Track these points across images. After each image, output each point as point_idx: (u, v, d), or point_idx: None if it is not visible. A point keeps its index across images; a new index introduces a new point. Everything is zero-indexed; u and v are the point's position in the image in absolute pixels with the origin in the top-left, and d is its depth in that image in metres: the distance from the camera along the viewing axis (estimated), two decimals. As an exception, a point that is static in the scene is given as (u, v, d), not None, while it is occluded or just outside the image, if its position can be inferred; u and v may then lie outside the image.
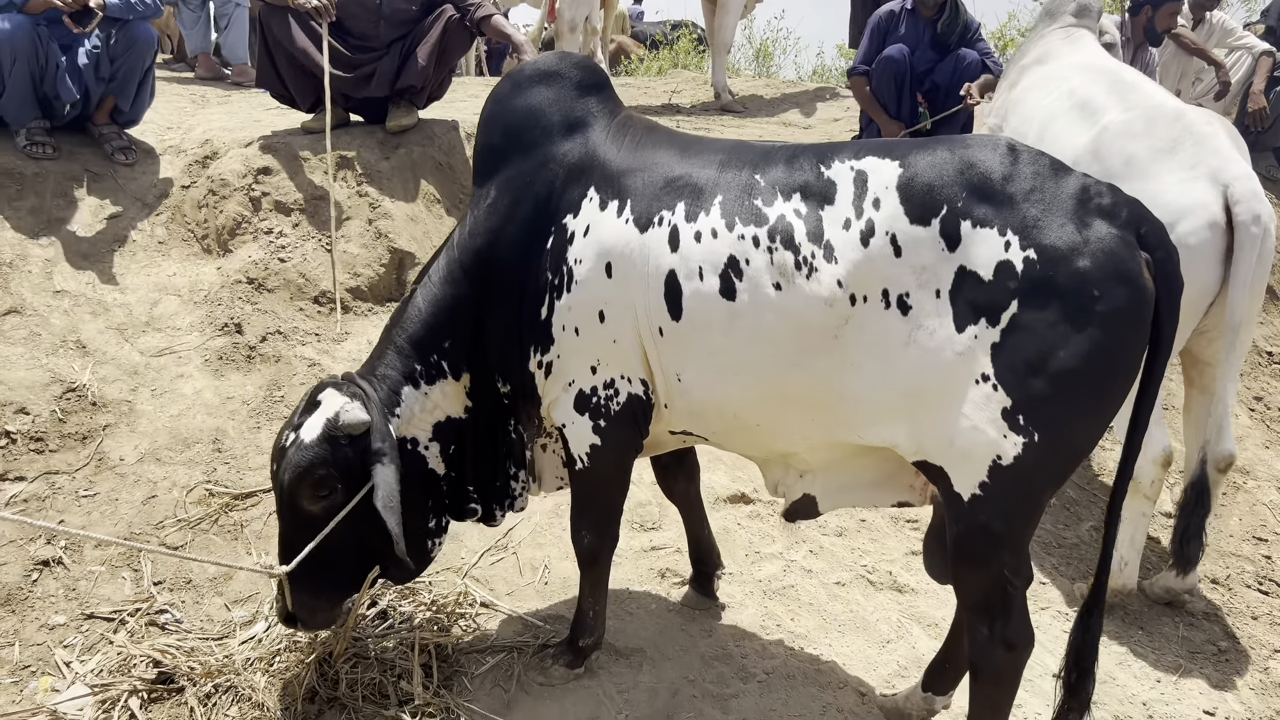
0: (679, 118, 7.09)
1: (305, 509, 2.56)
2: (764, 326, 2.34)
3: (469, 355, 2.76)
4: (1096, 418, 2.24)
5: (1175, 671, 3.57)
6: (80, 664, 2.86)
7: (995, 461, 2.19)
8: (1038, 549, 4.14)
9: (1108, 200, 2.18)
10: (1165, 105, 3.82)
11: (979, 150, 2.25)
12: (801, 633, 3.33)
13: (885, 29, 5.91)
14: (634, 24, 15.14)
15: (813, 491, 2.72)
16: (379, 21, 5.16)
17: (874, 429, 2.36)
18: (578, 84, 2.73)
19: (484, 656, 3.01)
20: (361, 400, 2.60)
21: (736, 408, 2.50)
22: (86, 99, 4.76)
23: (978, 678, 2.43)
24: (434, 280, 2.77)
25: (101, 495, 3.48)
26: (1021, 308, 2.13)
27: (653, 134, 2.69)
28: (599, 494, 2.80)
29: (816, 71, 12.75)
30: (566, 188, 2.61)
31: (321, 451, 2.52)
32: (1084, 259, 2.11)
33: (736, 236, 2.37)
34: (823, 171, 2.37)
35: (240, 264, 4.57)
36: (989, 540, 2.27)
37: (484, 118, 2.80)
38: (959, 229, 2.18)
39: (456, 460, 2.87)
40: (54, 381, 3.80)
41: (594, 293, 2.51)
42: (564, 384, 2.63)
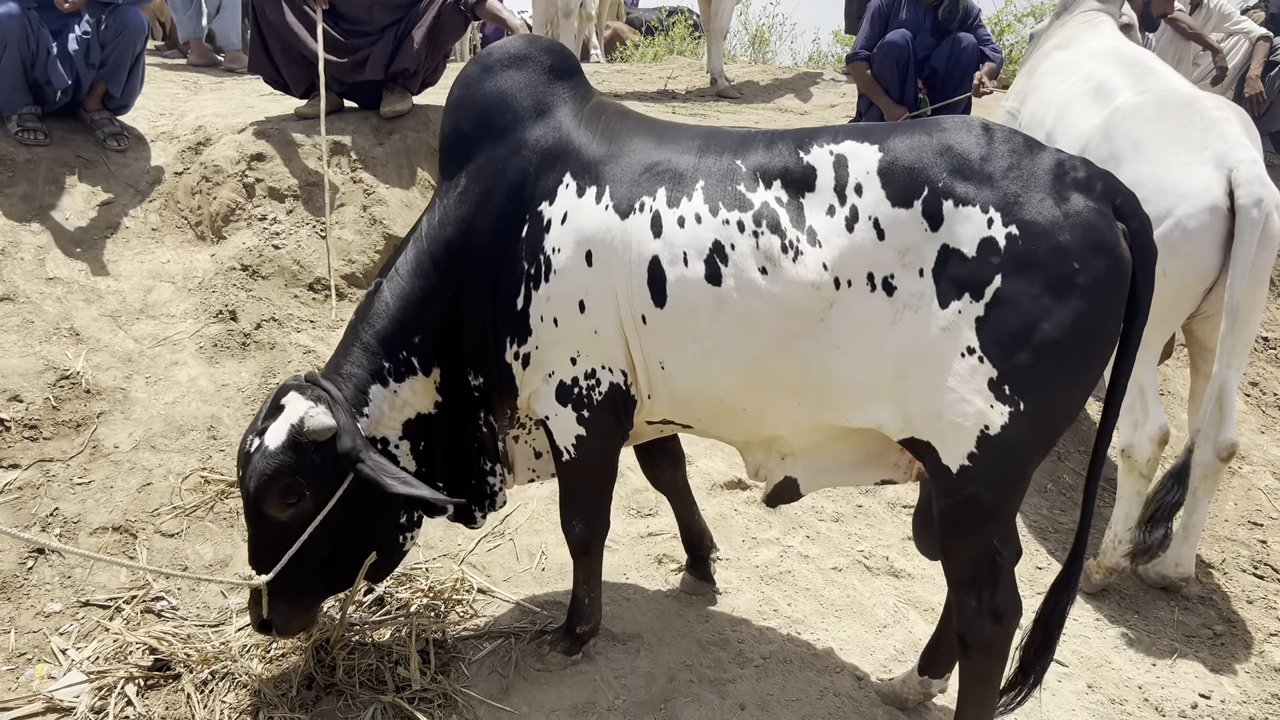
0: (674, 104, 7.07)
1: (273, 517, 2.49)
2: (750, 311, 2.34)
3: (440, 349, 2.69)
4: (1079, 385, 2.31)
5: (1171, 655, 3.57)
6: (76, 651, 2.85)
7: (983, 432, 2.24)
8: (1034, 535, 4.15)
9: (1082, 174, 2.24)
10: (1179, 90, 3.81)
11: (955, 132, 2.31)
12: (798, 618, 3.34)
13: (887, 14, 5.90)
14: (629, 10, 15.07)
15: (794, 474, 2.73)
16: (373, 6, 5.13)
17: (860, 411, 2.38)
18: (548, 69, 2.68)
19: (481, 642, 3.02)
20: (327, 403, 2.51)
21: (723, 394, 2.49)
22: (78, 85, 4.72)
23: (968, 651, 2.46)
24: (402, 273, 2.68)
25: (96, 483, 3.47)
26: (1005, 281, 2.17)
27: (626, 120, 2.66)
28: (588, 484, 2.78)
29: (812, 58, 12.69)
30: (541, 174, 2.55)
31: (287, 459, 2.43)
32: (1064, 232, 2.17)
33: (721, 221, 2.37)
34: (802, 157, 2.39)
35: (234, 251, 4.54)
36: (978, 511, 2.31)
37: (452, 102, 2.73)
38: (941, 209, 2.23)
39: (427, 456, 2.80)
40: (47, 369, 3.78)
41: (574, 282, 2.47)
42: (543, 375, 2.60)
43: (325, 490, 2.48)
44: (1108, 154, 3.69)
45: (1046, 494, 4.42)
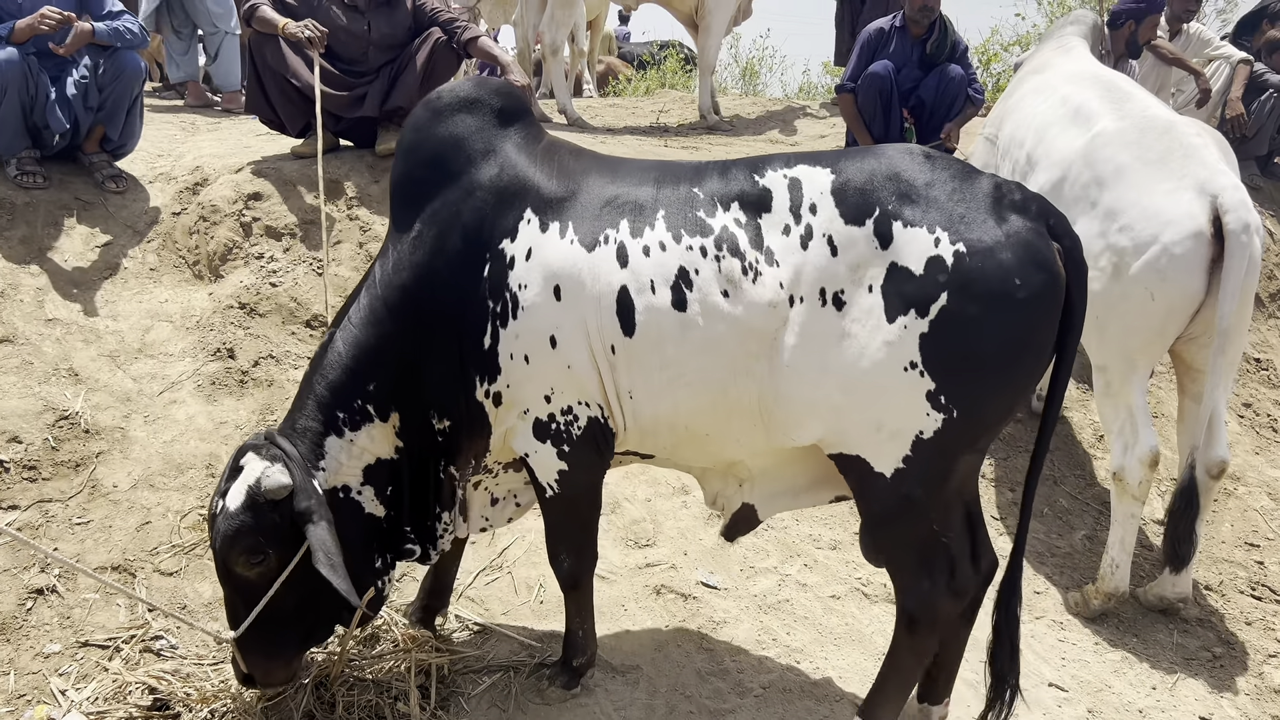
0: (667, 137, 7.14)
1: (241, 575, 2.51)
2: (713, 335, 2.41)
3: (396, 395, 2.67)
4: (1012, 393, 2.44)
5: (1171, 678, 3.58)
6: (76, 692, 2.85)
7: (918, 437, 2.36)
8: (1031, 558, 4.16)
9: (1018, 196, 2.38)
10: (1158, 117, 3.87)
11: (901, 157, 2.44)
12: (797, 646, 3.34)
13: (874, 46, 5.96)
14: (621, 45, 15.24)
15: (751, 500, 2.79)
16: (368, 47, 5.20)
17: (800, 430, 2.46)
18: (499, 111, 2.69)
19: (480, 677, 3.01)
20: (283, 461, 2.51)
21: (687, 420, 2.54)
22: (76, 129, 4.78)
23: (915, 628, 2.57)
24: (354, 322, 2.66)
25: (95, 522, 3.48)
26: (949, 299, 2.28)
27: (580, 157, 2.70)
28: (573, 518, 2.78)
29: (803, 89, 12.85)
30: (499, 214, 2.56)
31: (247, 519, 2.45)
32: (1005, 250, 2.28)
33: (684, 248, 2.43)
34: (758, 180, 2.49)
35: (232, 289, 4.58)
36: (913, 506, 2.45)
37: (404, 147, 2.72)
38: (891, 228, 2.34)
39: (394, 500, 2.77)
40: (46, 410, 3.80)
41: (544, 317, 2.49)
42: (518, 413, 2.60)
43: (288, 548, 2.50)
44: (1090, 178, 3.76)
45: (1043, 518, 4.43)
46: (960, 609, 2.58)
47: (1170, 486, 4.38)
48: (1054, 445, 4.82)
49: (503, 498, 2.97)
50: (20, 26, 4.43)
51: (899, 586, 2.61)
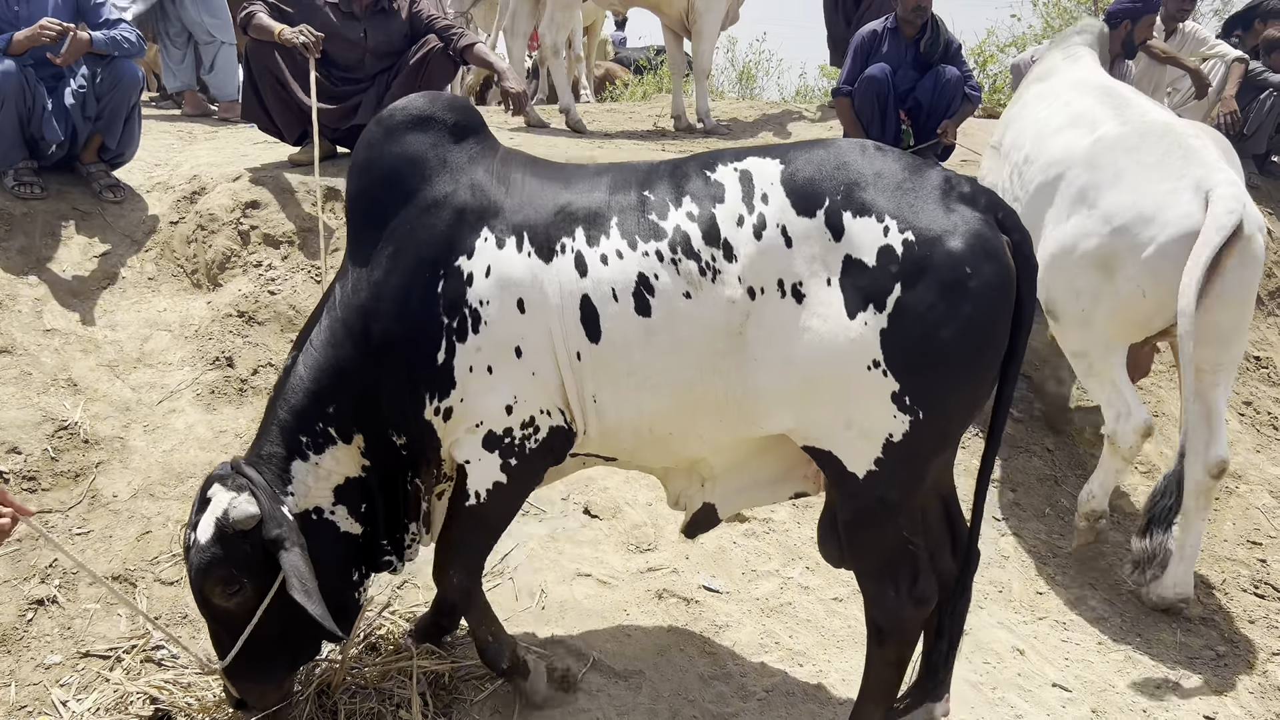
0: (664, 141, 7.14)
1: (219, 606, 2.50)
2: (678, 338, 2.41)
3: (359, 416, 2.63)
4: (974, 389, 2.44)
5: (1174, 677, 3.57)
6: (77, 703, 2.85)
7: (888, 440, 2.37)
8: (1033, 560, 4.16)
9: (968, 189, 2.38)
10: (1157, 119, 3.93)
11: (849, 149, 2.45)
12: (800, 649, 3.33)
13: (869, 48, 5.97)
14: (618, 50, 15.26)
15: (712, 499, 2.80)
16: (364, 54, 5.21)
17: (769, 419, 2.47)
18: (453, 126, 2.65)
19: (483, 683, 3.01)
20: (249, 490, 2.49)
21: (651, 421, 2.54)
22: (74, 138, 4.78)
23: (884, 639, 2.58)
24: (315, 345, 2.62)
25: (95, 532, 3.47)
26: (904, 290, 2.28)
27: (534, 167, 2.68)
28: (483, 532, 2.75)
29: (799, 92, 12.85)
30: (456, 232, 2.53)
31: (218, 551, 2.44)
32: (955, 239, 2.29)
33: (640, 254, 2.43)
34: (709, 176, 2.49)
35: (230, 298, 4.58)
36: (886, 509, 2.45)
37: (357, 165, 2.68)
38: (842, 219, 2.34)
39: (369, 516, 2.75)
40: (46, 420, 3.80)
41: (509, 329, 2.48)
42: (468, 426, 2.57)
43: (263, 576, 2.49)
44: (1089, 181, 3.78)
45: (1045, 519, 4.42)
46: (924, 616, 2.57)
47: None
48: (1054, 445, 4.82)
49: None
50: (19, 38, 4.43)
51: (866, 596, 2.60)
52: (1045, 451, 4.78)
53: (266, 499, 2.50)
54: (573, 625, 3.29)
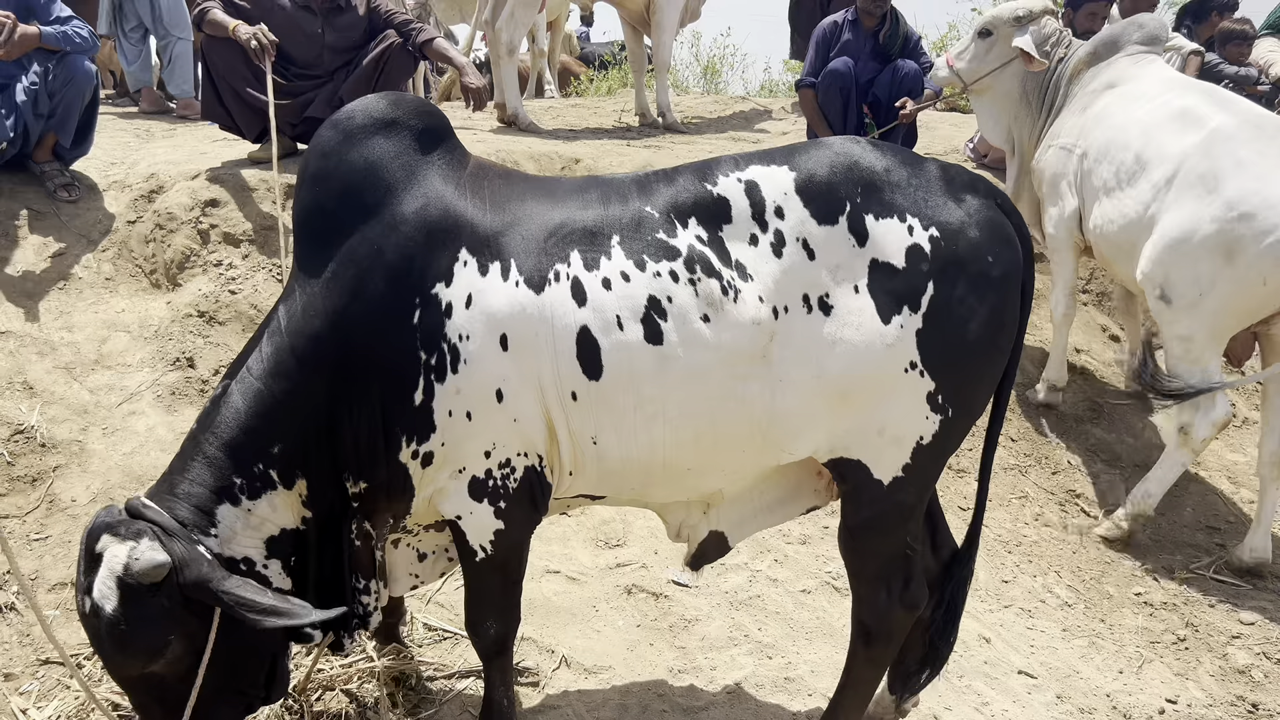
0: (629, 138, 7.13)
1: (148, 677, 2.18)
2: (696, 365, 2.23)
3: (307, 458, 2.32)
4: (993, 379, 2.44)
5: (1137, 662, 3.62)
6: (37, 711, 2.80)
7: (919, 443, 2.33)
8: (998, 548, 4.20)
9: (966, 176, 2.37)
10: (1266, 115, 4.16)
11: (853, 147, 2.37)
12: (769, 642, 3.35)
13: (830, 40, 6.03)
14: (582, 45, 15.20)
15: (720, 528, 2.63)
16: (322, 50, 5.15)
17: (800, 442, 2.35)
18: (420, 132, 2.37)
19: (450, 681, 2.99)
20: (149, 534, 2.13)
21: (665, 458, 2.34)
22: (26, 137, 4.68)
23: (871, 641, 2.57)
24: (255, 373, 2.29)
25: (54, 537, 3.41)
26: (937, 287, 2.25)
27: (511, 182, 2.44)
28: (503, 580, 2.50)
29: (764, 86, 12.89)
30: (430, 254, 2.26)
31: (129, 613, 2.08)
32: (974, 229, 2.27)
33: (652, 275, 2.24)
34: (710, 189, 2.32)
35: (190, 297, 4.51)
36: (903, 513, 2.42)
37: (309, 175, 2.36)
38: (864, 223, 2.27)
39: (300, 573, 2.43)
40: (1, 424, 3.72)
41: (489, 370, 2.23)
42: (451, 472, 2.33)
43: (193, 626, 2.18)
44: (1207, 169, 3.95)
45: (1009, 507, 4.47)
46: (912, 620, 2.56)
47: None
48: (1017, 435, 4.87)
49: (431, 553, 2.69)
50: None
51: (856, 596, 2.58)
52: (1009, 441, 4.83)
53: (178, 538, 2.16)
54: (542, 622, 3.28)
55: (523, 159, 5.61)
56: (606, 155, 6.04)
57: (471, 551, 2.43)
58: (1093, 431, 4.97)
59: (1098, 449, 4.88)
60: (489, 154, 5.57)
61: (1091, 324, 5.72)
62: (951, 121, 7.95)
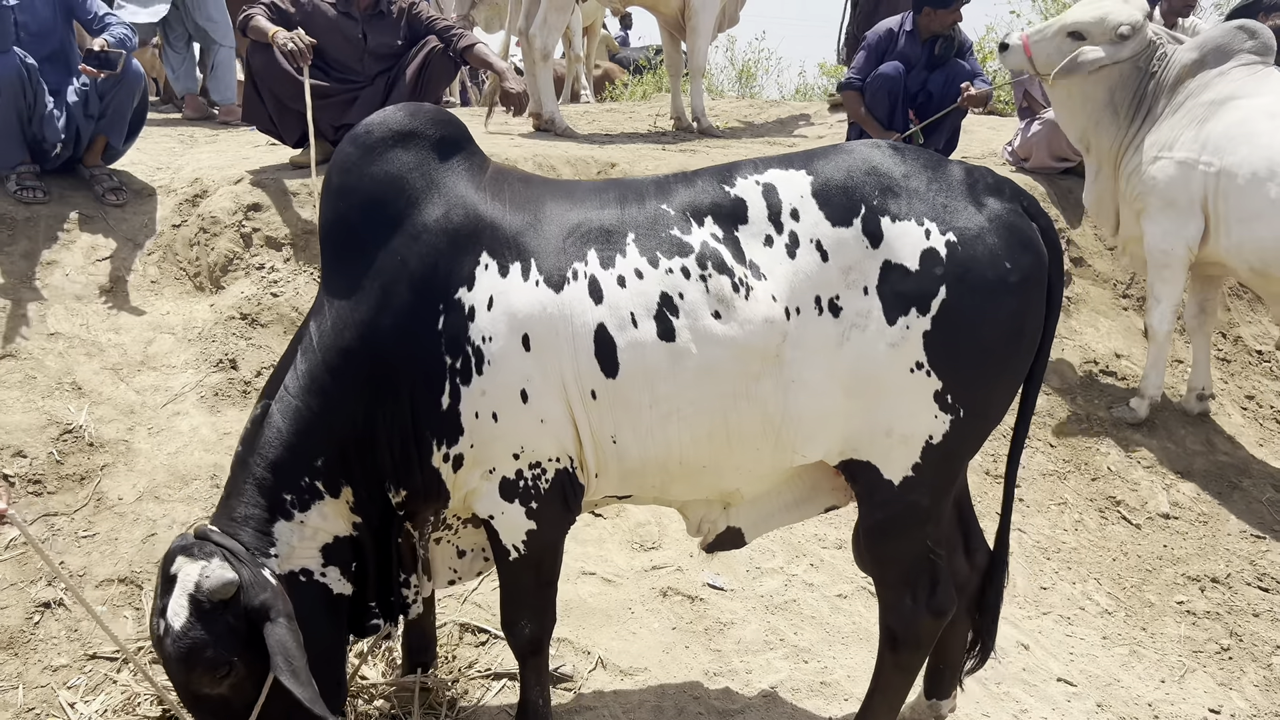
0: (664, 142, 7.14)
1: (212, 696, 2.23)
2: (708, 362, 2.26)
3: (349, 467, 2.39)
4: (1012, 383, 2.44)
5: (1179, 671, 3.57)
6: (84, 705, 2.86)
7: (928, 442, 2.33)
8: (1036, 554, 4.16)
9: (991, 179, 2.36)
10: None
11: (873, 151, 2.38)
12: (805, 646, 3.34)
13: (884, 48, 5.98)
14: (620, 49, 15.26)
15: (738, 524, 2.64)
16: (363, 55, 5.22)
17: (812, 445, 2.36)
18: (438, 141, 2.41)
19: (489, 683, 3.02)
20: (220, 555, 2.23)
21: (681, 456, 2.36)
22: (77, 140, 4.79)
23: (898, 646, 2.56)
24: (293, 391, 2.35)
25: (101, 535, 3.48)
26: (949, 291, 2.25)
27: (531, 185, 2.49)
28: (537, 579, 2.53)
29: (799, 90, 12.86)
30: (452, 259, 2.31)
31: (199, 633, 2.15)
32: (992, 235, 2.27)
33: (664, 271, 2.28)
34: (728, 190, 2.36)
35: (233, 300, 4.59)
36: (918, 515, 2.41)
37: (332, 190, 2.42)
38: (880, 225, 2.28)
39: (360, 576, 2.52)
40: (51, 424, 3.81)
41: (513, 370, 2.26)
42: (482, 472, 2.37)
43: (256, 650, 2.20)
44: None
45: (1048, 514, 4.43)
46: (940, 626, 2.54)
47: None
48: (1056, 441, 4.82)
49: (469, 550, 2.74)
50: None
51: (883, 602, 2.57)
52: (1048, 446, 4.78)
53: (245, 564, 2.25)
54: (577, 623, 3.30)
55: (558, 163, 5.64)
56: (641, 160, 6.05)
57: (505, 551, 2.47)
58: (1132, 437, 4.91)
59: (1138, 455, 4.82)
60: (525, 158, 5.61)
61: (1131, 328, 5.65)
62: (990, 125, 7.89)
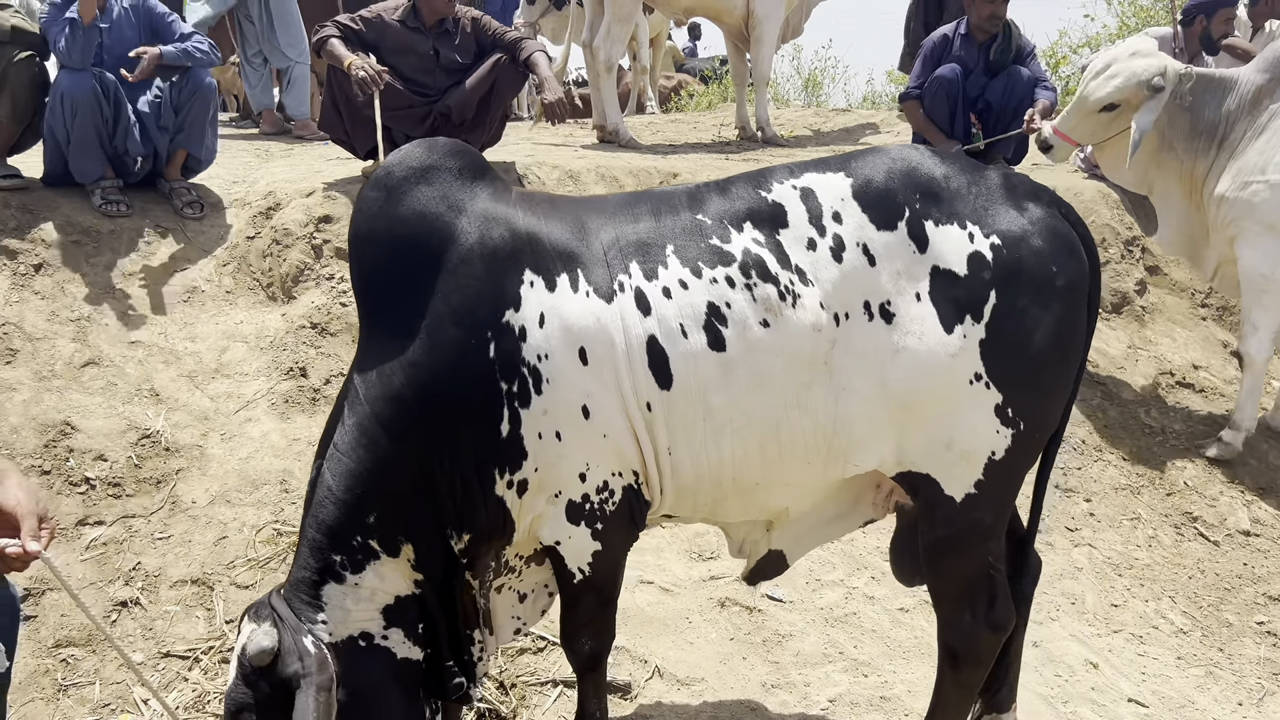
0: (727, 151, 7.14)
1: None
2: (760, 371, 2.22)
3: (407, 522, 2.29)
4: (1063, 392, 2.39)
5: (1257, 693, 3.45)
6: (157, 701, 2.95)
7: (990, 458, 2.28)
8: (1108, 570, 4.05)
9: (1029, 185, 2.33)
10: None
11: (910, 153, 2.36)
12: (865, 660, 3.30)
13: (939, 54, 5.89)
14: (687, 60, 15.31)
15: (779, 546, 2.60)
16: (435, 69, 5.35)
17: (865, 453, 2.31)
18: (459, 171, 2.34)
19: (547, 689, 3.04)
20: (272, 620, 2.20)
21: (734, 471, 2.31)
22: (156, 155, 4.98)
23: (959, 663, 2.51)
24: (342, 449, 2.26)
25: (175, 537, 3.60)
26: (999, 296, 2.22)
27: (558, 201, 2.45)
28: (599, 598, 2.48)
29: (867, 98, 12.76)
30: (494, 283, 2.23)
31: (241, 695, 2.17)
32: (1036, 238, 2.24)
33: (709, 281, 2.23)
34: (765, 195, 2.32)
35: (304, 310, 4.71)
36: (980, 532, 2.37)
37: (361, 237, 2.32)
38: (924, 229, 2.25)
39: (429, 639, 2.40)
40: (130, 429, 3.95)
41: (573, 386, 2.20)
42: (548, 496, 2.30)
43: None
44: None
45: (1120, 529, 4.31)
46: (1000, 641, 2.48)
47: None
48: (1130, 454, 4.69)
49: (531, 591, 2.63)
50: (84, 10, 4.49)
51: (941, 619, 2.52)
52: (1121, 460, 4.65)
53: (288, 630, 2.20)
54: (635, 632, 3.30)
55: (620, 174, 5.68)
56: (704, 170, 6.06)
57: (570, 574, 2.41)
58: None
59: (1217, 470, 4.67)
60: (588, 169, 5.66)
61: (1210, 339, 5.48)
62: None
